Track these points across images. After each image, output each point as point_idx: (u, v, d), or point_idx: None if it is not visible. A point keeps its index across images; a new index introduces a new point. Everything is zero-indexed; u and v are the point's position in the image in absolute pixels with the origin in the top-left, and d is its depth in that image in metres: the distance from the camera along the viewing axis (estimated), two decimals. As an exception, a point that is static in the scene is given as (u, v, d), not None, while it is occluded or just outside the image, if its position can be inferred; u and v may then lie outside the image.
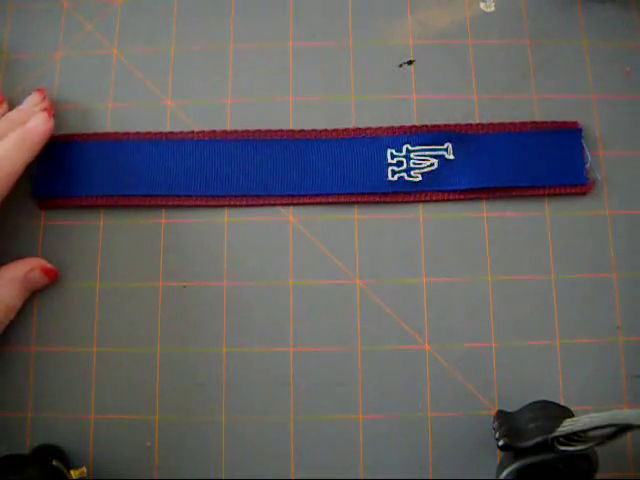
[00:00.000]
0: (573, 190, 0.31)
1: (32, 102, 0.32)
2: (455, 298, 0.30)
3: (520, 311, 0.30)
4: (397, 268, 0.31)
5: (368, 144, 0.31)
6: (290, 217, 0.31)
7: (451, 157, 0.31)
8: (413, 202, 0.31)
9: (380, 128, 0.32)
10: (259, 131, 0.32)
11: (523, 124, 0.32)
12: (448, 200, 0.31)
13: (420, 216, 0.31)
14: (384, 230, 0.31)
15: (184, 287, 0.31)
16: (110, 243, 0.31)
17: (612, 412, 0.23)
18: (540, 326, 0.30)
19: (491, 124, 0.32)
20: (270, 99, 0.33)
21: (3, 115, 0.32)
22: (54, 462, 0.27)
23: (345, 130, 0.32)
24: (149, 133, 0.32)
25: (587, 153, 0.31)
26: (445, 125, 0.32)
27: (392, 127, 0.32)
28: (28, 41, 0.34)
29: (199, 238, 0.31)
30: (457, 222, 0.31)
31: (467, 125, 0.32)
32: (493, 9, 0.34)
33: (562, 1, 0.34)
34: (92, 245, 0.31)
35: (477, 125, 0.32)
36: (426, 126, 0.32)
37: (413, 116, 0.32)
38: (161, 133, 0.32)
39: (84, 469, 0.28)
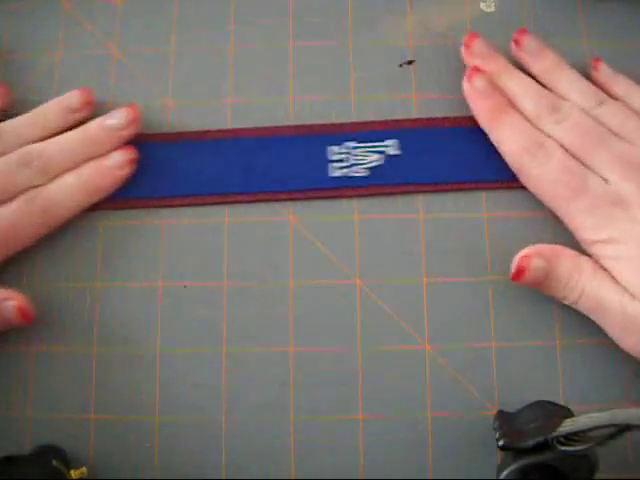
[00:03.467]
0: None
1: (119, 122, 0.31)
2: (455, 298, 0.30)
3: (520, 311, 0.30)
4: (397, 268, 0.31)
5: (308, 141, 0.32)
6: (290, 217, 0.31)
7: (397, 152, 0.31)
8: (357, 197, 0.31)
9: (322, 125, 0.32)
10: (197, 132, 0.32)
11: (465, 119, 0.32)
12: (393, 194, 0.31)
13: (420, 216, 0.31)
14: (384, 230, 0.31)
15: (184, 287, 0.31)
16: (110, 243, 0.31)
17: (612, 412, 0.23)
18: (540, 326, 0.30)
19: (434, 119, 0.32)
20: (270, 99, 0.33)
21: (82, 120, 0.31)
22: (54, 462, 0.27)
23: (286, 128, 0.32)
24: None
25: None
26: (392, 121, 0.32)
27: (333, 124, 0.32)
28: (28, 41, 0.34)
29: (199, 238, 0.31)
30: (457, 221, 0.31)
31: (413, 120, 0.32)
32: (493, 9, 0.34)
33: (562, 1, 0.34)
34: (92, 245, 0.31)
35: (423, 119, 0.32)
36: (370, 122, 0.32)
37: (413, 116, 0.32)
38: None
39: (84, 469, 0.28)
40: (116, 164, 0.30)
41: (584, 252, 0.29)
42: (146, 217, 0.31)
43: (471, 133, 0.31)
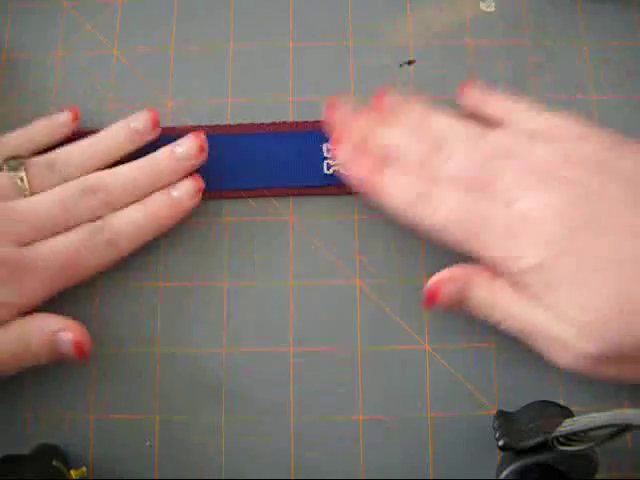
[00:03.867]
0: None
1: (188, 151, 0.29)
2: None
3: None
4: (397, 268, 0.31)
5: (305, 138, 0.32)
6: (290, 217, 0.31)
7: None
8: (349, 194, 0.31)
9: (317, 122, 0.32)
10: (198, 127, 0.32)
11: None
12: None
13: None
14: (384, 230, 0.31)
15: (185, 287, 0.31)
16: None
17: (612, 412, 0.23)
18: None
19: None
20: (270, 99, 0.33)
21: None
22: (54, 462, 0.27)
23: (283, 124, 0.32)
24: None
25: None
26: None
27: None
28: (28, 41, 0.34)
29: (199, 238, 0.31)
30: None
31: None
32: (493, 9, 0.34)
33: (562, 1, 0.34)
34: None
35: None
36: None
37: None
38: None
39: (84, 469, 0.28)
40: (185, 195, 0.29)
41: None
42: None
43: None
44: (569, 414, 0.26)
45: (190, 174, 0.30)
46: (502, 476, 0.25)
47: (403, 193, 0.28)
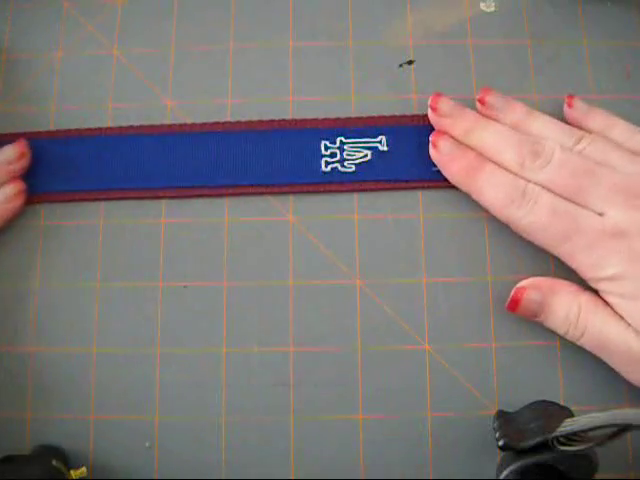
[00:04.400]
0: None
1: (6, 158, 0.31)
2: (455, 298, 0.30)
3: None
4: (397, 268, 0.31)
5: (303, 136, 0.32)
6: (290, 217, 0.31)
7: (385, 149, 0.31)
8: (347, 192, 0.31)
9: (315, 120, 0.32)
10: (195, 125, 0.32)
11: None
12: (383, 190, 0.31)
13: (421, 215, 0.31)
14: (384, 229, 0.31)
15: (184, 287, 0.31)
16: (110, 243, 0.31)
17: (612, 412, 0.23)
18: (540, 326, 0.30)
19: (425, 116, 0.32)
20: (270, 99, 0.33)
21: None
22: (54, 462, 0.27)
23: (281, 121, 0.32)
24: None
25: None
26: (380, 117, 0.32)
27: (327, 119, 0.32)
28: (28, 41, 0.34)
29: (199, 238, 0.31)
30: (457, 220, 0.31)
31: (402, 116, 0.32)
32: (493, 9, 0.34)
33: (562, 1, 0.34)
34: (92, 245, 0.31)
35: (412, 116, 0.32)
36: (361, 119, 0.32)
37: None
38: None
39: (84, 469, 0.28)
40: (4, 198, 0.30)
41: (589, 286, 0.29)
42: (146, 216, 0.31)
43: None
44: (569, 414, 0.26)
45: (18, 177, 0.31)
46: (502, 476, 0.25)
47: (500, 190, 0.29)
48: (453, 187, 0.31)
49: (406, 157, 0.31)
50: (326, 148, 0.32)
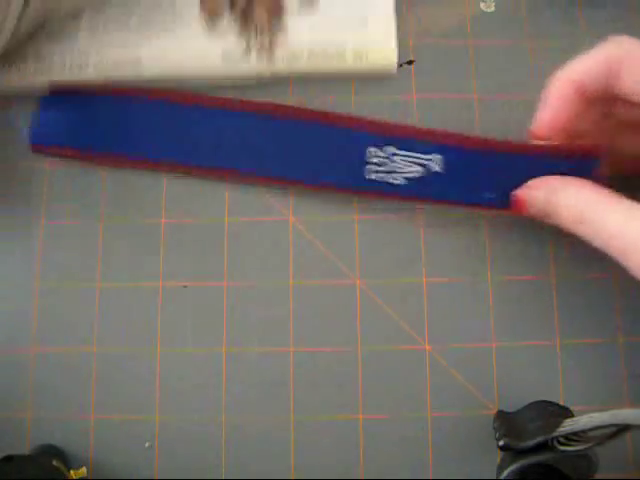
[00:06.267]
0: None
1: None
2: (455, 298, 0.30)
3: (520, 311, 0.30)
4: (397, 268, 0.31)
5: (347, 137, 0.30)
6: (290, 217, 0.31)
7: (437, 169, 0.29)
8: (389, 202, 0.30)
9: (362, 121, 0.30)
10: (250, 103, 0.31)
11: (523, 146, 0.29)
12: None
13: (422, 217, 0.31)
14: (384, 230, 0.31)
15: (184, 287, 0.31)
16: (110, 244, 0.31)
17: (612, 412, 0.23)
18: (540, 326, 0.30)
19: (487, 140, 0.29)
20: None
21: None
22: (54, 462, 0.27)
23: (329, 114, 0.31)
24: (162, 92, 0.31)
25: None
26: (432, 131, 0.30)
27: (374, 122, 0.30)
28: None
29: (199, 238, 0.31)
30: (457, 220, 0.31)
31: (458, 136, 0.30)
32: (493, 9, 0.34)
33: (562, 1, 0.34)
34: (92, 245, 0.31)
35: (472, 139, 0.30)
36: (413, 128, 0.30)
37: (414, 116, 0.32)
38: (176, 94, 0.31)
39: (84, 469, 0.28)
40: None
41: None
42: (146, 217, 0.31)
43: (527, 162, 0.29)
44: (569, 414, 0.26)
45: None
46: (502, 476, 0.25)
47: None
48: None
49: (461, 181, 0.29)
50: (372, 155, 0.30)
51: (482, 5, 0.34)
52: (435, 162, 0.29)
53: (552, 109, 0.28)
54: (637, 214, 0.24)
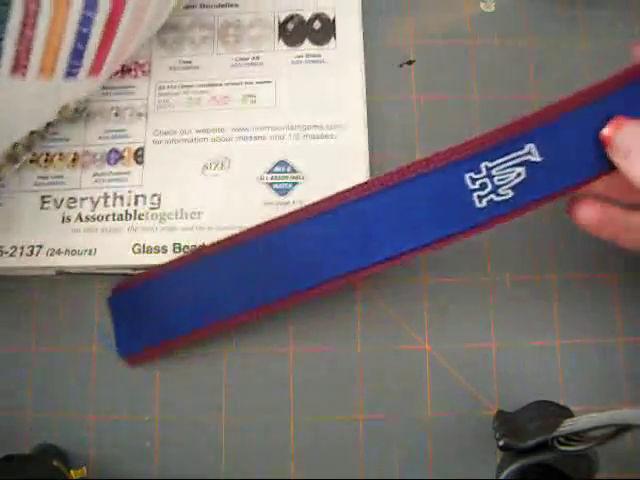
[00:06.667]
0: None
1: None
2: (455, 298, 0.30)
3: (520, 311, 0.30)
4: (397, 268, 0.31)
5: (439, 177, 0.26)
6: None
7: (538, 159, 0.25)
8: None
9: (448, 152, 0.26)
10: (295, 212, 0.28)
11: (599, 86, 0.25)
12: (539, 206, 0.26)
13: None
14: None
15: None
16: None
17: (612, 412, 0.23)
18: (540, 326, 0.30)
19: (565, 101, 0.25)
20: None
21: None
22: (54, 462, 0.27)
23: (399, 172, 0.26)
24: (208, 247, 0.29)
25: None
26: (515, 122, 0.25)
27: (459, 146, 0.26)
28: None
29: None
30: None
31: (543, 112, 0.25)
32: (493, 9, 0.34)
33: (562, 1, 0.34)
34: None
35: (554, 106, 0.25)
36: (496, 131, 0.26)
37: (414, 116, 0.32)
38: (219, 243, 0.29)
39: (84, 469, 0.28)
40: None
41: None
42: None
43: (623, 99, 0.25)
44: (569, 414, 0.26)
45: None
46: (502, 476, 0.25)
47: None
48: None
49: (567, 158, 0.25)
50: (473, 181, 0.26)
51: (482, 5, 0.34)
52: (532, 153, 0.25)
53: None
54: None
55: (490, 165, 0.25)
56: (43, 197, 0.31)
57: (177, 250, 0.30)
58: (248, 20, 0.33)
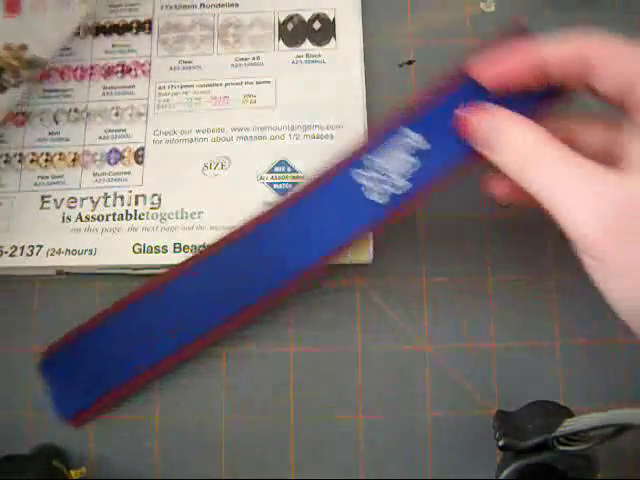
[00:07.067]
0: None
1: None
2: (455, 298, 0.30)
3: (520, 311, 0.30)
4: (397, 268, 0.31)
5: (336, 181, 0.27)
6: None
7: (426, 147, 0.26)
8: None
9: (340, 156, 0.27)
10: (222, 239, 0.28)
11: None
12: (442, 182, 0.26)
13: (420, 214, 0.31)
14: (384, 230, 0.31)
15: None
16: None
17: (612, 412, 0.23)
18: (540, 326, 0.30)
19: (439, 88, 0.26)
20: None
21: None
22: (54, 462, 0.27)
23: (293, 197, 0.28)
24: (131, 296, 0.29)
25: None
26: (396, 112, 0.26)
27: (349, 148, 0.27)
28: None
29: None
30: (457, 222, 0.31)
31: (415, 102, 0.26)
32: (493, 9, 0.34)
33: (562, 1, 0.34)
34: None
35: (431, 92, 0.26)
36: (375, 125, 0.27)
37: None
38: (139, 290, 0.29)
39: (84, 469, 0.28)
40: None
41: None
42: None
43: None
44: (569, 414, 0.26)
45: None
46: (502, 476, 0.25)
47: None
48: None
49: (451, 140, 0.25)
50: (363, 178, 0.26)
51: (482, 5, 0.34)
52: (417, 141, 0.26)
53: (503, 67, 0.26)
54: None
55: (372, 159, 0.26)
56: (43, 197, 0.31)
57: (177, 250, 0.30)
58: (248, 20, 0.33)
